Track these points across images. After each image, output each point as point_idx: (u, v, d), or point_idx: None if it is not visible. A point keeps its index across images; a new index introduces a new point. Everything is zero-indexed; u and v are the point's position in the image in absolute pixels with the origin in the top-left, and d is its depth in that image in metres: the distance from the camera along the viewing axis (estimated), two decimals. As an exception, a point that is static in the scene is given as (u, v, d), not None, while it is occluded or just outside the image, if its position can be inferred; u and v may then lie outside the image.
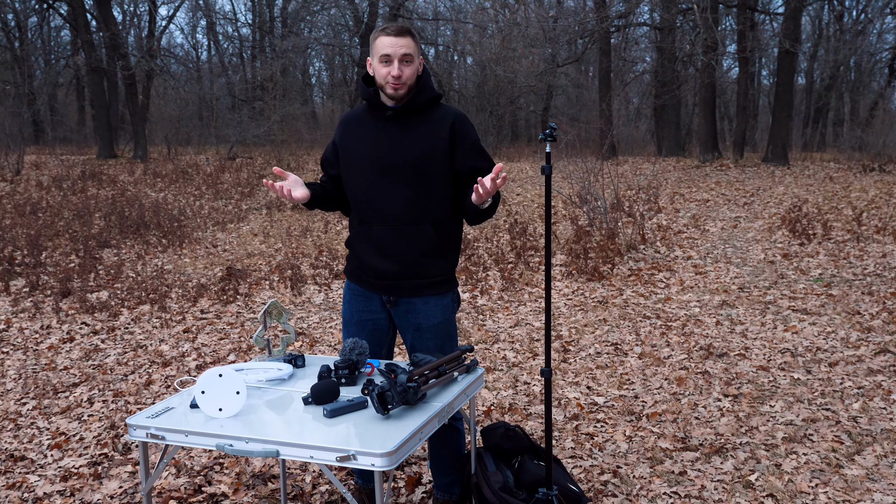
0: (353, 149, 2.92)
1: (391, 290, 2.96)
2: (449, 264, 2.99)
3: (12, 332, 6.18)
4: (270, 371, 2.78)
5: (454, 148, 2.86)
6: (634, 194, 12.92)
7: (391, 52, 2.76)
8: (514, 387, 4.79)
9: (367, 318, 3.03)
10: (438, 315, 2.98)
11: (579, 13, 23.32)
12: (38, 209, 12.89)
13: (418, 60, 2.85)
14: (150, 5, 30.72)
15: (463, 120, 2.90)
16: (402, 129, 2.86)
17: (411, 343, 3.02)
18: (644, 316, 6.37)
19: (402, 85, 2.80)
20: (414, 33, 2.82)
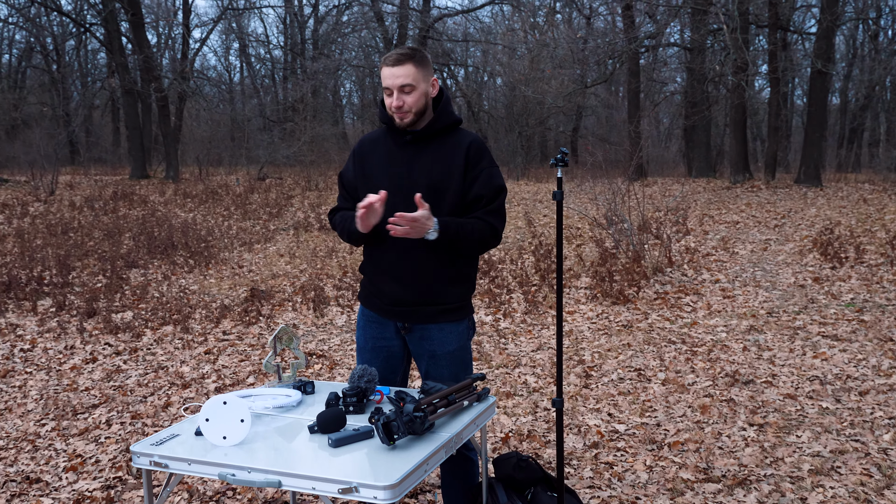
0: (370, 171, 2.89)
1: (405, 317, 2.91)
2: (464, 290, 2.94)
3: (37, 353, 6.23)
4: (279, 398, 2.74)
5: (467, 173, 2.81)
6: (662, 216, 12.79)
7: (390, 84, 2.74)
8: (533, 413, 4.71)
9: (381, 344, 2.98)
10: (453, 342, 2.92)
11: (608, 34, 23.30)
12: (69, 229, 13.06)
13: (427, 84, 2.79)
14: (184, 29, 31.23)
15: (479, 146, 2.84)
16: (418, 153, 2.82)
17: (425, 370, 2.97)
18: (669, 341, 6.26)
19: (406, 113, 2.77)
20: (418, 57, 2.76)
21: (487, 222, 2.80)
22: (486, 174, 2.82)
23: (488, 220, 2.80)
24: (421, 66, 2.75)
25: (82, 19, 31.12)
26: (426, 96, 2.80)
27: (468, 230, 2.77)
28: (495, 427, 4.47)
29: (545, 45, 24.41)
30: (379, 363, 2.97)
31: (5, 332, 6.77)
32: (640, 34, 19.57)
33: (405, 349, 3.01)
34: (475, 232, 2.78)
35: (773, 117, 20.29)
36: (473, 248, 2.81)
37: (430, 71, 2.81)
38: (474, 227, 2.78)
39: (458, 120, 2.88)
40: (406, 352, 3.02)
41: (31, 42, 36.27)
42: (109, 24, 25.09)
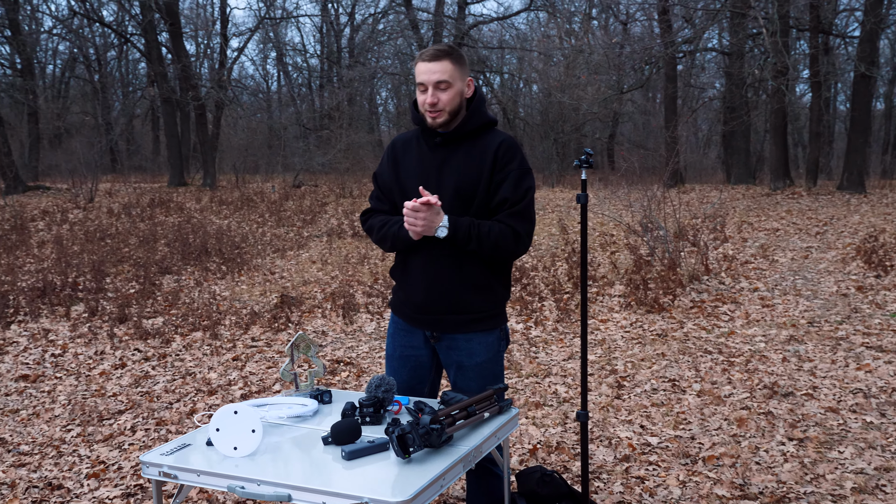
0: (402, 174, 2.80)
1: (433, 325, 2.82)
2: (497, 298, 2.83)
3: (67, 358, 6.24)
4: (294, 407, 2.66)
5: (494, 175, 2.70)
6: (700, 223, 12.55)
7: (425, 80, 2.64)
8: (562, 424, 4.59)
9: (408, 353, 2.90)
10: (482, 353, 2.82)
11: (645, 39, 23.05)
12: (106, 235, 13.20)
13: (462, 83, 2.70)
14: (222, 38, 31.56)
15: (510, 146, 2.72)
16: (449, 155, 2.73)
17: (453, 380, 2.88)
18: (705, 351, 6.08)
19: (440, 112, 2.67)
20: (454, 54, 2.66)
21: (508, 225, 2.67)
22: (513, 176, 2.69)
23: (510, 223, 2.67)
24: (458, 64, 2.67)
25: (123, 30, 31.62)
26: (461, 96, 2.70)
27: (483, 231, 2.65)
28: (523, 438, 4.35)
29: (581, 52, 24.21)
30: (406, 372, 2.89)
31: (38, 337, 6.81)
32: (678, 39, 19.30)
33: (434, 359, 2.92)
34: (492, 234, 2.65)
35: (814, 122, 19.88)
36: (491, 251, 2.68)
37: (466, 70, 2.72)
38: (492, 228, 2.66)
39: (492, 121, 2.77)
40: (435, 362, 2.93)
41: (75, 53, 36.94)
42: (148, 35, 25.45)
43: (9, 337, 6.83)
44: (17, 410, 5.03)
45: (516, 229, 2.68)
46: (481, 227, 2.65)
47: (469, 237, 2.63)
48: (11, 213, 15.98)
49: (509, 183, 2.69)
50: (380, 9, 35.23)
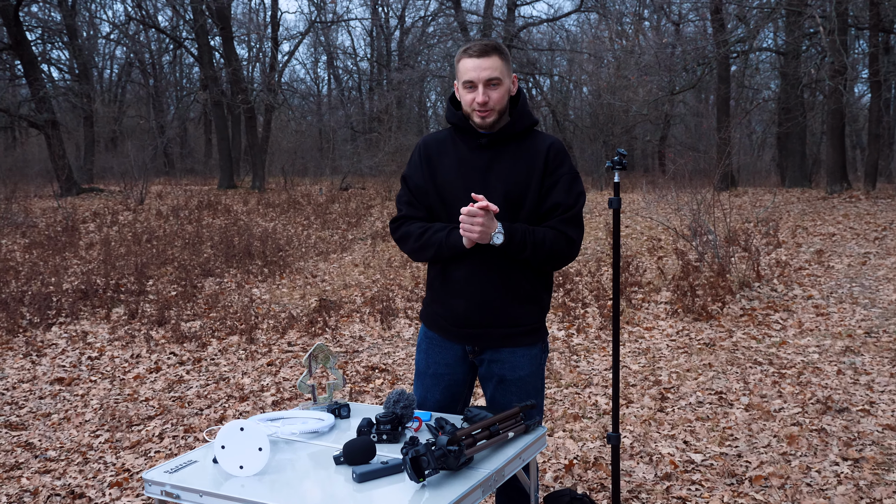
0: (441, 178, 2.63)
1: (475, 340, 2.66)
2: (538, 311, 2.68)
3: (103, 361, 6.24)
4: (309, 422, 2.53)
5: (545, 179, 2.55)
6: (752, 227, 12.17)
7: (474, 77, 2.49)
8: (602, 438, 4.39)
9: (443, 371, 2.73)
10: (525, 367, 2.66)
11: (698, 39, 22.56)
12: (153, 237, 13.33)
13: (509, 81, 2.55)
14: (272, 42, 31.86)
15: (559, 149, 2.59)
16: (495, 158, 2.57)
17: (491, 396, 2.72)
18: (755, 362, 5.81)
19: (490, 111, 2.52)
20: (503, 50, 2.52)
21: (561, 231, 2.53)
22: (565, 180, 2.55)
23: (562, 229, 2.53)
24: (506, 60, 2.54)
25: (178, 35, 32.14)
26: (508, 94, 2.57)
27: (538, 238, 2.51)
28: (559, 453, 4.17)
29: (632, 53, 23.82)
30: (440, 391, 2.73)
31: (76, 339, 6.83)
32: (731, 38, 18.83)
33: (469, 376, 2.76)
34: (546, 241, 2.51)
35: (873, 124, 19.21)
36: (545, 258, 2.54)
37: (511, 66, 2.60)
38: (546, 235, 2.52)
39: (535, 121, 2.63)
40: (470, 378, 2.77)
41: (131, 58, 37.67)
42: (200, 39, 25.80)
43: (49, 339, 6.87)
44: (49, 414, 5.01)
45: (570, 235, 2.55)
46: (536, 234, 2.51)
47: (524, 244, 2.49)
48: (63, 215, 16.26)
49: (561, 187, 2.55)
50: (429, 12, 35.23)
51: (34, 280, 9.24)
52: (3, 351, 6.51)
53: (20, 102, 25.99)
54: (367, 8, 37.94)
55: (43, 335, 6.98)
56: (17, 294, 8.27)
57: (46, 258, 11.10)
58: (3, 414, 5.04)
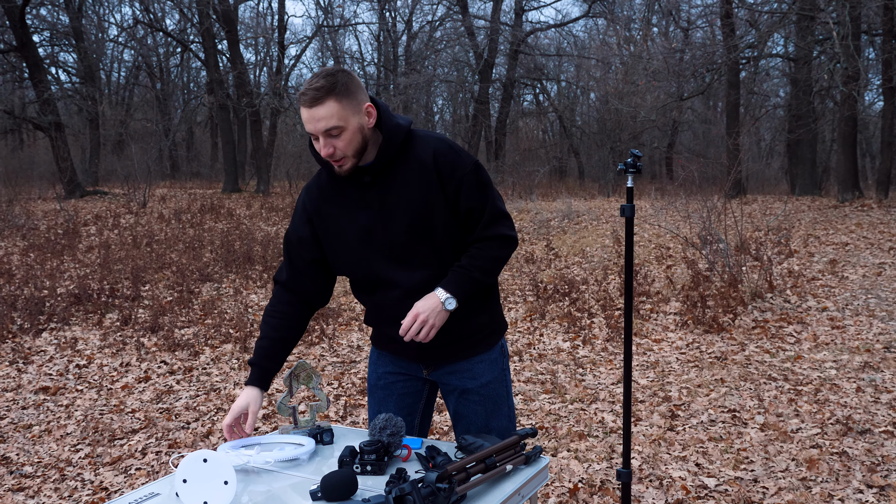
0: (337, 228, 2.34)
1: (430, 361, 2.45)
2: (492, 311, 2.45)
3: (92, 369, 6.02)
4: (287, 448, 2.30)
5: (445, 188, 2.26)
6: (762, 236, 11.91)
7: (311, 130, 2.17)
8: (608, 458, 4.15)
9: (394, 380, 2.51)
10: (486, 373, 2.44)
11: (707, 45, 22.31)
12: (153, 241, 13.13)
13: (359, 116, 2.20)
14: (279, 46, 31.74)
15: (445, 150, 2.28)
16: (385, 190, 2.27)
17: (454, 409, 2.49)
18: (769, 377, 5.56)
19: (342, 160, 2.21)
20: (340, 87, 2.15)
21: (493, 237, 2.30)
22: (468, 180, 2.27)
23: (492, 232, 2.29)
24: (346, 98, 2.16)
25: (185, 38, 32.04)
26: (362, 131, 2.22)
27: (479, 263, 2.27)
28: (563, 475, 3.92)
29: (640, 58, 23.58)
30: (393, 403, 2.50)
31: (65, 346, 6.62)
32: (741, 44, 18.58)
33: (427, 386, 2.53)
34: (488, 260, 2.28)
35: (886, 131, 18.92)
36: (497, 270, 2.33)
37: (359, 98, 2.21)
38: (482, 252, 2.28)
39: (407, 129, 2.30)
40: (428, 389, 2.54)
41: (138, 61, 37.62)
42: (206, 42, 25.67)
43: (37, 345, 6.66)
44: (31, 426, 4.79)
45: (502, 233, 2.31)
46: (474, 262, 2.27)
47: (475, 281, 2.27)
48: (65, 218, 16.09)
49: (467, 189, 2.27)
50: (437, 17, 35.07)
51: (29, 284, 9.04)
52: (-11, 358, 6.30)
53: (25, 104, 25.90)
54: (375, 12, 37.83)
55: (32, 341, 6.77)
56: (9, 298, 8.07)
57: (44, 261, 10.91)
58: (-17, 425, 4.83)
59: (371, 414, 2.60)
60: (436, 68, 34.13)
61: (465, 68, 33.43)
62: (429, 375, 2.48)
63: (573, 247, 11.97)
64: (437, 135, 2.32)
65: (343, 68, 2.20)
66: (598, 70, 28.38)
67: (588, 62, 30.55)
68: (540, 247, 12.21)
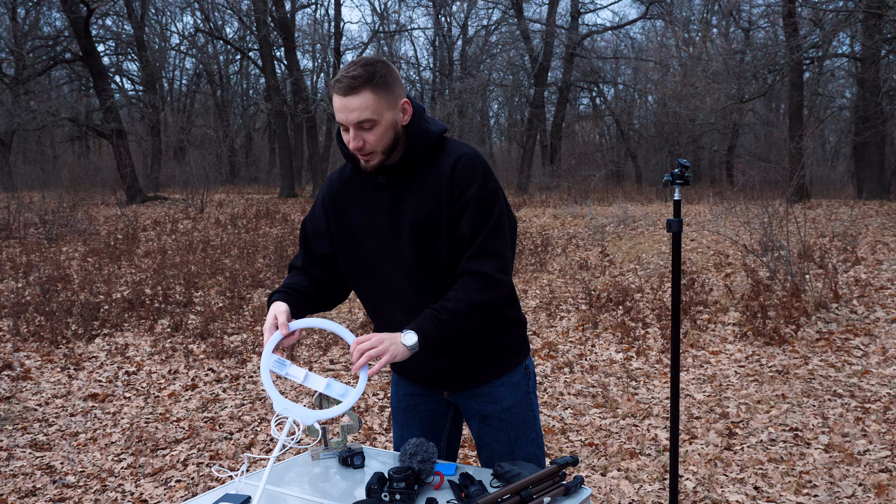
0: (349, 228, 2.22)
1: (450, 385, 2.33)
2: (512, 330, 2.31)
3: (140, 376, 6.04)
4: (334, 387, 2.13)
5: (453, 205, 2.10)
6: (827, 242, 11.47)
7: (342, 119, 2.04)
8: (661, 479, 3.96)
9: (415, 402, 2.40)
10: (508, 397, 2.31)
11: (768, 46, 21.73)
12: (208, 246, 13.27)
13: (394, 112, 2.08)
14: (335, 53, 32.01)
15: (467, 164, 2.11)
16: (401, 193, 2.14)
17: (477, 435, 2.37)
18: (834, 393, 5.29)
19: (370, 155, 2.08)
20: (378, 78, 2.03)
21: (475, 271, 2.09)
22: (473, 204, 2.09)
23: (476, 266, 2.09)
24: (383, 90, 2.04)
25: (244, 46, 32.55)
26: (395, 128, 2.09)
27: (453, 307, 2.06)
28: (612, 496, 3.75)
29: (699, 60, 23.09)
30: (416, 426, 2.39)
31: (116, 352, 6.67)
32: (804, 44, 18.02)
33: (451, 407, 2.41)
34: (464, 304, 2.07)
35: (959, 133, 18.15)
36: (477, 318, 2.10)
37: (397, 92, 2.09)
38: (459, 297, 2.08)
39: (440, 135, 2.16)
40: (453, 411, 2.42)
41: (199, 69, 38.35)
42: (263, 49, 26.01)
43: (90, 351, 6.72)
44: (77, 434, 4.80)
45: (483, 272, 2.09)
46: (446, 304, 2.07)
47: (441, 324, 2.04)
48: (125, 223, 16.40)
49: (469, 214, 2.10)
50: (492, 21, 34.98)
51: (85, 289, 9.18)
52: (42, 363, 6.37)
53: (90, 112, 26.58)
54: (430, 17, 37.90)
55: (85, 347, 6.84)
56: (65, 303, 8.19)
57: (102, 266, 11.09)
58: (32, 432, 4.86)
59: (396, 437, 2.50)
60: (491, 72, 34.01)
61: (520, 72, 33.21)
62: (450, 397, 2.37)
63: (628, 253, 11.71)
64: (469, 149, 2.16)
65: (383, 59, 2.08)
66: (656, 73, 27.92)
67: (646, 64, 30.09)
68: (594, 253, 11.98)
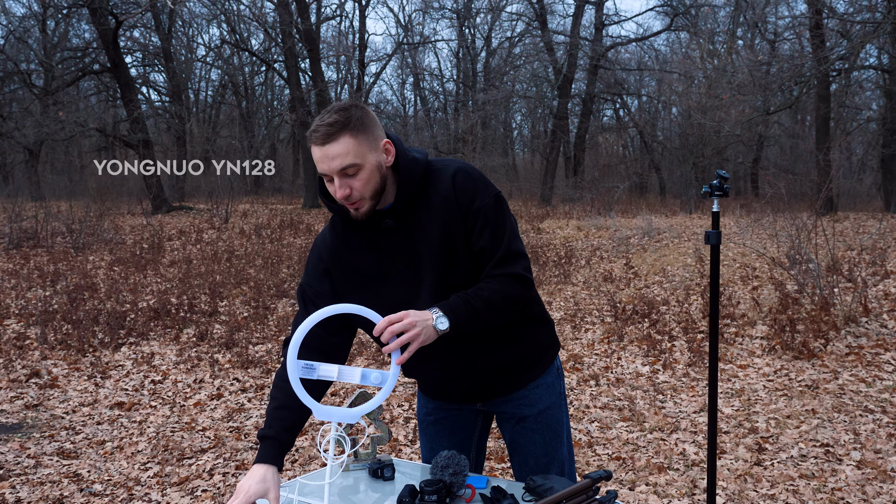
0: (361, 282, 2.14)
1: (483, 397, 2.32)
2: (540, 328, 2.29)
3: (166, 385, 6.07)
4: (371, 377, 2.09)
5: (465, 221, 2.07)
6: (856, 256, 11.33)
7: (325, 170, 1.97)
8: (690, 495, 3.91)
9: (444, 415, 2.39)
10: (544, 398, 2.30)
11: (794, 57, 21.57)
12: (233, 256, 13.35)
13: (377, 153, 2.01)
14: (359, 64, 32.20)
15: (463, 179, 2.07)
16: (410, 234, 2.08)
17: (511, 439, 2.35)
18: (865, 409, 5.20)
19: (360, 202, 2.01)
20: (354, 121, 1.96)
21: (506, 273, 2.07)
22: (483, 214, 2.06)
23: (505, 270, 2.07)
24: (362, 133, 1.97)
25: (269, 57, 32.82)
26: (380, 170, 2.02)
27: (486, 295, 2.03)
28: (641, 511, 3.71)
29: (724, 72, 22.96)
30: (445, 438, 2.37)
31: (142, 361, 6.70)
32: (832, 56, 17.87)
33: (481, 417, 2.40)
34: (495, 293, 2.04)
35: None
36: (505, 309, 2.08)
37: (376, 133, 2.02)
38: (492, 286, 2.05)
39: (425, 163, 2.11)
40: (482, 421, 2.41)
41: (225, 80, 38.70)
42: (288, 60, 26.21)
43: (116, 360, 6.76)
44: (104, 442, 4.82)
45: (514, 272, 2.08)
46: (480, 292, 2.04)
47: (474, 310, 2.00)
48: (151, 233, 16.55)
49: (483, 222, 2.07)
50: (516, 32, 35.02)
51: (112, 298, 9.26)
52: (69, 371, 6.42)
53: (117, 123, 26.88)
54: (454, 29, 38.02)
55: (111, 356, 6.89)
56: (92, 312, 8.26)
57: (128, 275, 11.19)
58: (59, 440, 4.89)
59: (424, 450, 2.48)
60: (514, 84, 34.02)
61: (543, 84, 33.19)
62: (483, 407, 2.35)
63: (653, 265, 11.63)
64: (454, 162, 2.12)
65: (357, 102, 2.02)
66: (681, 84, 27.78)
67: (670, 76, 29.96)
68: (619, 265, 11.91)
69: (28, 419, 5.29)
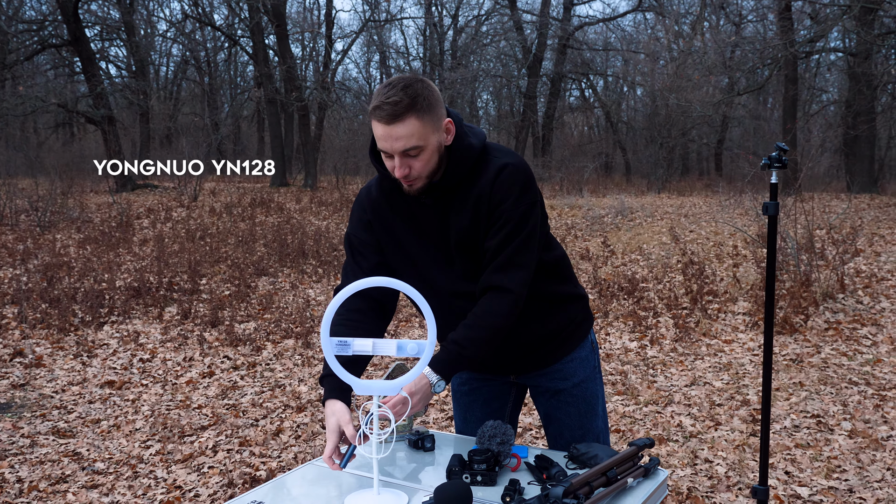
0: (397, 241, 2.16)
1: (517, 370, 2.34)
2: (573, 304, 2.29)
3: (155, 363, 6.01)
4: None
5: (491, 215, 2.05)
6: (825, 234, 11.56)
7: (387, 148, 1.94)
8: (692, 465, 3.99)
9: (478, 385, 2.40)
10: (579, 371, 2.31)
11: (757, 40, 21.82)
12: (206, 235, 13.19)
13: (438, 134, 1.98)
14: (326, 41, 31.83)
15: (504, 179, 2.02)
16: (447, 208, 2.08)
17: (545, 412, 2.36)
18: (849, 381, 5.34)
19: (416, 180, 2.01)
20: (419, 103, 1.91)
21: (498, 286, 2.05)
22: (506, 217, 2.02)
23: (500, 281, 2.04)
24: (427, 114, 1.93)
25: (233, 33, 32.30)
26: (440, 150, 2.00)
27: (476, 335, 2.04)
28: (648, 482, 3.77)
29: (691, 53, 23.17)
30: (478, 409, 2.39)
31: (127, 339, 6.62)
32: (799, 38, 18.12)
33: (514, 389, 2.43)
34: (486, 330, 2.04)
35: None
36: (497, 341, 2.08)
37: (440, 112, 1.98)
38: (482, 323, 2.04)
39: (480, 148, 2.07)
40: (515, 392, 2.43)
41: (187, 55, 38.05)
42: (256, 37, 25.84)
43: (100, 338, 6.67)
44: (99, 421, 4.77)
45: (507, 286, 2.05)
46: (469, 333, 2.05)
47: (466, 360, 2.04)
48: (118, 211, 16.27)
49: (498, 228, 2.04)
50: (484, 11, 34.90)
51: (87, 276, 9.11)
52: (53, 350, 6.32)
53: (78, 98, 26.30)
54: (421, 7, 37.74)
55: (94, 334, 6.79)
56: (69, 291, 8.12)
57: (100, 254, 11.01)
58: (52, 419, 4.82)
59: (458, 420, 2.50)
60: (481, 63, 33.95)
61: (510, 63, 33.15)
62: (516, 379, 2.37)
63: (629, 244, 11.75)
64: (508, 156, 2.07)
65: (421, 77, 1.98)
66: (647, 65, 27.97)
67: (636, 57, 30.14)
68: (595, 243, 12.01)
69: (17, 399, 5.21)
